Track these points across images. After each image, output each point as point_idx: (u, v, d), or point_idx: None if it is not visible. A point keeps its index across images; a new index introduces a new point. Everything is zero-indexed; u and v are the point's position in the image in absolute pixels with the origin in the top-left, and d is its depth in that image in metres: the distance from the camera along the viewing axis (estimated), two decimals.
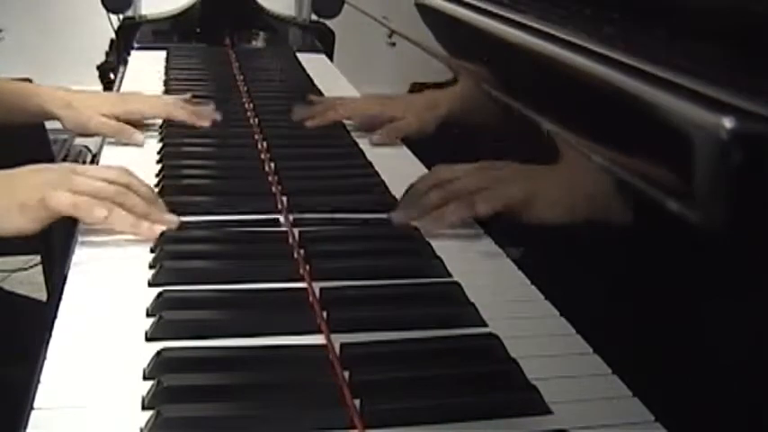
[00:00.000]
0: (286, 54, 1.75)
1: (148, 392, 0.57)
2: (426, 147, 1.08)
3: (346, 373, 0.59)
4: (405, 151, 1.13)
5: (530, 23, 0.73)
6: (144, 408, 0.56)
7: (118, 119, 1.14)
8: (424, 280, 0.76)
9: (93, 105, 1.15)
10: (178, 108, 1.18)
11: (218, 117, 1.19)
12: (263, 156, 1.06)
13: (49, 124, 1.79)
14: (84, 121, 1.13)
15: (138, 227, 0.81)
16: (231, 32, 1.87)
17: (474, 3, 0.87)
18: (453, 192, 0.86)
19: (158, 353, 0.61)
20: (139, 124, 1.16)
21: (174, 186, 0.94)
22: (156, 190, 0.91)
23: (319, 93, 1.41)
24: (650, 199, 0.54)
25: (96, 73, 2.03)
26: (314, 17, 1.88)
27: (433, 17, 1.02)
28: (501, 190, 0.83)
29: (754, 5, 0.54)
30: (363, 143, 1.13)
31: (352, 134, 1.17)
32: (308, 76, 1.55)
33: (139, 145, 1.11)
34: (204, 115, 1.19)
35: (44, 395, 0.57)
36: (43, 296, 1.36)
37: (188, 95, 1.27)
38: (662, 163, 0.53)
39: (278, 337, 0.65)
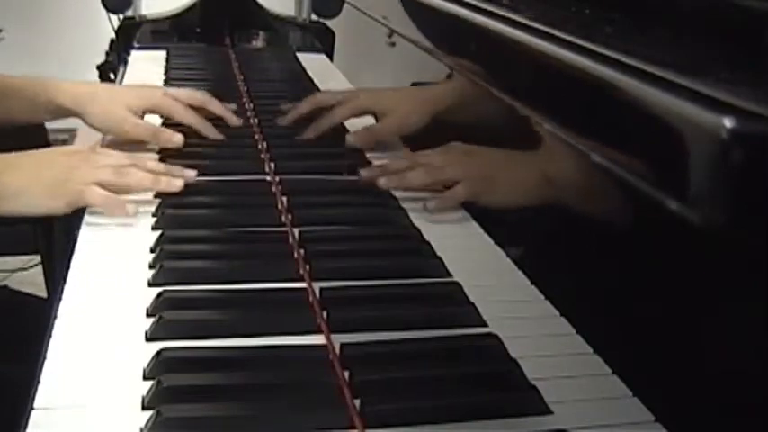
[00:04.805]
0: (286, 54, 1.75)
1: (148, 392, 0.57)
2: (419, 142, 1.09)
3: (346, 373, 0.60)
4: (405, 151, 1.13)
5: (530, 23, 0.73)
6: (144, 408, 0.56)
7: (144, 113, 1.10)
8: (424, 280, 0.76)
9: (119, 97, 1.08)
10: (200, 120, 1.11)
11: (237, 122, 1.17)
12: (263, 156, 1.06)
13: (47, 123, 1.79)
14: (116, 121, 1.06)
15: (158, 182, 0.89)
16: (231, 32, 1.87)
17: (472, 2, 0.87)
18: (433, 173, 0.93)
19: (158, 353, 0.61)
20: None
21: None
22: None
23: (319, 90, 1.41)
24: (650, 199, 0.54)
25: (96, 73, 2.03)
26: (314, 17, 1.87)
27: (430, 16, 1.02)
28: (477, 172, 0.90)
29: (754, 5, 0.54)
30: None
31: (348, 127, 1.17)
32: (308, 76, 1.55)
33: (179, 146, 1.05)
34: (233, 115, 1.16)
35: (44, 395, 0.57)
36: (43, 297, 1.36)
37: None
38: (662, 163, 0.53)
39: (278, 337, 0.65)
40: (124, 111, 1.07)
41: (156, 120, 1.14)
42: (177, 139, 1.05)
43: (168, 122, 1.15)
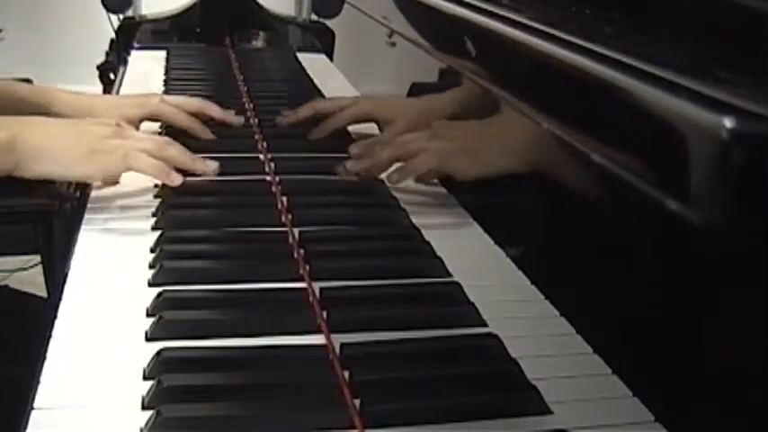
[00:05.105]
0: (286, 54, 1.75)
1: (148, 392, 0.57)
2: None
3: (346, 373, 0.60)
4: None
5: (530, 23, 0.73)
6: (144, 408, 0.56)
7: (141, 121, 1.11)
8: (424, 280, 0.76)
9: (116, 109, 1.09)
10: (197, 124, 1.11)
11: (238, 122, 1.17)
12: (262, 156, 1.06)
13: None
14: None
15: (195, 161, 0.92)
16: (231, 32, 1.87)
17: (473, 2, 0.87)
18: (399, 145, 0.95)
19: (158, 353, 0.61)
20: None
21: (174, 187, 0.94)
22: (156, 191, 0.92)
23: (319, 93, 1.41)
24: (650, 199, 0.54)
25: (96, 73, 2.03)
26: (314, 17, 1.88)
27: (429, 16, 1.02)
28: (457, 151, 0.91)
29: (754, 5, 0.54)
30: None
31: (352, 133, 1.17)
32: (308, 76, 1.55)
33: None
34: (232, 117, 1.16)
35: (44, 395, 0.57)
36: (43, 296, 1.36)
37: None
38: (662, 163, 0.53)
39: (278, 337, 0.65)
40: (121, 123, 1.07)
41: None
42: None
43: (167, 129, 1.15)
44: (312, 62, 1.67)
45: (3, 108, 1.09)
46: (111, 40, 1.99)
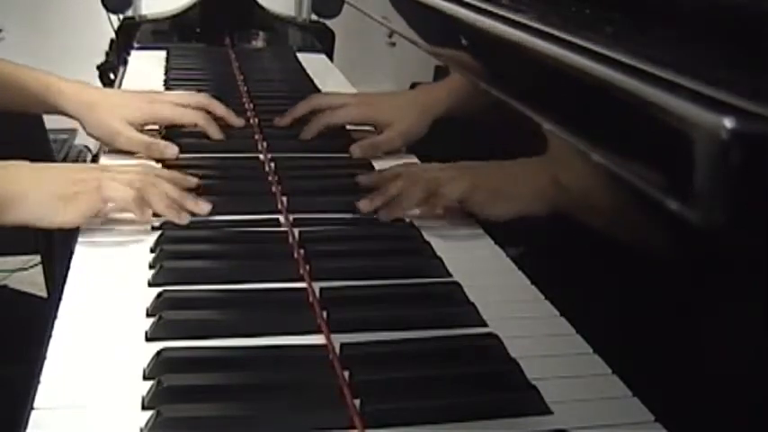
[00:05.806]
0: (286, 54, 1.75)
1: (148, 392, 0.57)
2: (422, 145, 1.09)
3: (346, 373, 0.60)
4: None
5: (530, 23, 0.73)
6: (144, 408, 0.56)
7: (145, 122, 1.09)
8: (424, 280, 0.76)
9: (118, 110, 1.07)
10: (205, 119, 1.11)
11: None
12: (262, 156, 1.06)
13: (48, 123, 1.79)
14: (110, 135, 1.05)
15: (171, 210, 0.85)
16: (231, 32, 1.87)
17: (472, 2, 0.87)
18: (416, 182, 0.90)
19: (158, 353, 0.61)
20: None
21: None
22: None
23: (319, 92, 1.41)
24: (650, 199, 0.54)
25: (96, 73, 2.03)
26: (314, 17, 1.87)
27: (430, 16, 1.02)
28: (469, 184, 0.88)
29: (754, 5, 0.54)
30: None
31: (352, 134, 1.17)
32: (307, 76, 1.55)
33: (173, 158, 1.03)
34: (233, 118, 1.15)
35: (44, 395, 0.57)
36: (43, 296, 1.36)
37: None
38: (662, 163, 0.53)
39: (278, 337, 0.65)
40: (120, 124, 1.05)
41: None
42: (170, 152, 1.03)
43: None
44: (312, 62, 1.67)
45: (5, 93, 1.09)
46: (111, 40, 1.99)
